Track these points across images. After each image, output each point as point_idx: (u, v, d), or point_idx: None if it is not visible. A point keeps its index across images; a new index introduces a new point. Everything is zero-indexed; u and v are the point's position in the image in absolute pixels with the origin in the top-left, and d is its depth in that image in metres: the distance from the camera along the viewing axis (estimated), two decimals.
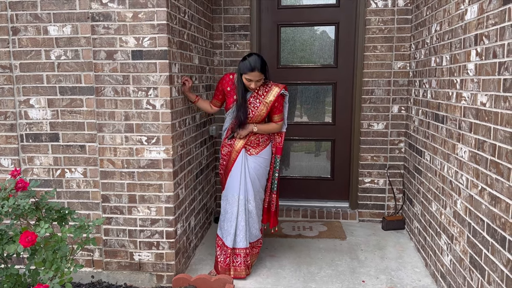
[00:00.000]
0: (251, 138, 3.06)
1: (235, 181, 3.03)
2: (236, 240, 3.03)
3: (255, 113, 3.00)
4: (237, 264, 3.03)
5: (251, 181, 3.03)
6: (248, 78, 2.90)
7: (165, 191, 2.84)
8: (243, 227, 3.01)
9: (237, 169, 3.04)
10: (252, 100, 3.02)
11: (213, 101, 3.26)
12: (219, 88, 3.16)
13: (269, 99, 3.00)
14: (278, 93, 3.01)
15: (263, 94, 3.02)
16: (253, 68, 2.86)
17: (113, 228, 2.94)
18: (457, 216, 2.56)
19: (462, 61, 2.51)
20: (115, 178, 2.87)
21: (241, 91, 2.97)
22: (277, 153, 3.19)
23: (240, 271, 3.03)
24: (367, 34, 3.90)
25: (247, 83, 2.94)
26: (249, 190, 3.03)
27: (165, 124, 2.78)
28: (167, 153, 2.80)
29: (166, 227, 2.88)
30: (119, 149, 2.84)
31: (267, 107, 3.01)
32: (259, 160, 3.08)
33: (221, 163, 3.18)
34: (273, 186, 3.24)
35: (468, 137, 2.40)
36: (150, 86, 2.75)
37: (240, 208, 3.01)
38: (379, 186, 4.10)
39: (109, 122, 2.82)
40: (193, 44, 3.32)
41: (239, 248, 3.03)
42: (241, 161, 3.03)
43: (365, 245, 3.62)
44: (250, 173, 3.04)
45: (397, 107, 3.97)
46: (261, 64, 2.89)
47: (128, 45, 2.73)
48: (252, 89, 2.96)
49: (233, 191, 3.04)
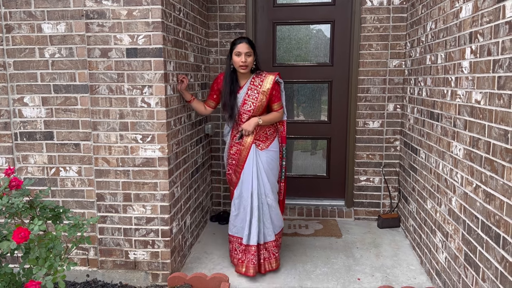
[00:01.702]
0: (259, 133, 3.06)
1: (249, 178, 3.03)
2: (251, 236, 3.00)
3: (256, 104, 3.01)
4: (248, 261, 2.99)
5: (266, 175, 3.04)
6: (237, 52, 2.93)
7: (160, 190, 2.84)
8: (256, 225, 2.99)
9: (249, 166, 3.03)
10: (250, 92, 3.02)
11: (208, 101, 3.25)
12: (214, 88, 3.17)
13: (266, 87, 3.01)
14: (274, 80, 3.02)
15: (259, 84, 3.02)
16: (241, 39, 2.96)
17: (108, 227, 2.92)
18: (452, 213, 2.57)
19: (457, 59, 2.52)
20: (110, 176, 2.86)
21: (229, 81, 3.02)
22: (283, 142, 3.21)
23: (249, 269, 2.98)
24: (362, 32, 3.90)
25: (236, 60, 2.94)
26: (265, 184, 3.03)
27: (160, 122, 2.77)
28: (162, 151, 2.80)
29: (161, 225, 2.87)
30: (114, 147, 2.83)
31: (266, 95, 3.01)
32: (270, 154, 3.09)
33: (230, 163, 3.15)
34: (281, 175, 3.26)
35: (463, 135, 2.40)
36: (145, 84, 2.74)
37: (253, 204, 3.00)
38: (374, 184, 4.10)
39: (104, 120, 2.81)
40: (188, 42, 3.31)
41: (252, 246, 2.99)
42: (253, 157, 3.03)
43: (361, 243, 3.62)
44: (264, 168, 3.04)
45: (392, 105, 3.97)
46: (248, 39, 2.99)
47: (122, 43, 2.72)
48: (242, 64, 2.93)
49: (248, 187, 3.02)
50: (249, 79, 3.05)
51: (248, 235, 3.00)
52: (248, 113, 3.03)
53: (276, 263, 3.08)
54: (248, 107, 3.03)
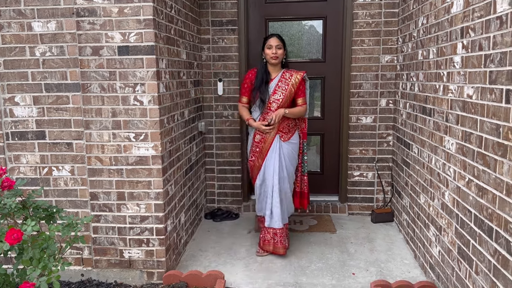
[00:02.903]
0: (283, 124, 3.31)
1: (272, 164, 3.27)
2: (272, 220, 3.27)
3: (285, 94, 3.29)
4: (275, 242, 3.27)
5: (285, 165, 3.30)
6: (269, 45, 3.26)
7: (154, 188, 2.83)
8: (279, 209, 3.24)
9: (273, 153, 3.29)
10: (280, 83, 3.31)
11: (244, 99, 3.45)
12: (247, 83, 3.41)
13: (295, 80, 3.31)
14: (302, 76, 3.33)
15: (289, 78, 3.32)
16: (272, 34, 3.32)
17: (102, 226, 2.91)
18: (445, 207, 2.59)
19: (448, 54, 2.53)
20: (103, 175, 2.85)
21: (262, 72, 3.31)
22: (304, 138, 3.51)
23: (279, 248, 3.27)
24: (354, 28, 3.91)
25: (268, 52, 3.26)
26: (285, 172, 3.29)
27: (153, 120, 2.76)
28: (155, 149, 2.78)
29: (155, 224, 2.86)
30: (106, 146, 2.81)
31: (294, 87, 3.30)
32: (291, 146, 3.35)
33: (254, 150, 3.38)
34: (304, 169, 3.54)
35: (455, 129, 2.42)
36: (137, 82, 2.72)
37: (274, 189, 3.24)
38: (368, 180, 4.12)
39: (96, 119, 2.79)
40: (180, 39, 3.30)
41: (276, 229, 3.26)
42: (277, 146, 3.28)
43: (355, 238, 3.65)
44: (285, 157, 3.30)
45: (385, 100, 3.99)
46: (278, 34, 3.32)
47: (114, 41, 2.70)
48: (273, 56, 3.24)
49: (269, 174, 3.28)
50: (280, 72, 3.34)
51: (270, 219, 3.28)
52: (277, 101, 3.29)
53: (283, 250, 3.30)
54: (278, 96, 3.30)
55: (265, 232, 3.32)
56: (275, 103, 3.30)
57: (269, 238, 3.29)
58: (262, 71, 3.32)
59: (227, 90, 4.12)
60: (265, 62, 3.33)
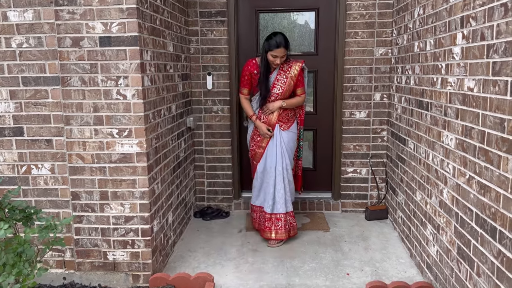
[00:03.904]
0: (282, 114, 3.38)
1: (273, 153, 3.35)
2: (275, 206, 3.35)
3: (284, 88, 3.33)
4: (278, 227, 3.35)
5: (287, 153, 3.38)
6: (274, 55, 3.22)
7: (139, 187, 2.68)
8: (283, 195, 3.33)
9: (274, 142, 3.36)
10: (279, 77, 3.34)
11: (245, 91, 3.48)
12: (246, 75, 3.41)
13: (294, 73, 3.34)
14: (300, 67, 3.35)
15: (287, 70, 3.34)
16: (279, 44, 3.19)
17: (84, 227, 2.77)
18: (443, 205, 2.49)
19: (447, 45, 2.42)
20: (85, 174, 2.70)
21: (264, 68, 3.29)
22: (301, 125, 3.61)
23: (281, 233, 3.34)
24: (348, 19, 3.78)
25: (272, 59, 3.24)
26: (287, 161, 3.37)
27: (137, 116, 2.61)
28: (140, 146, 2.64)
29: (141, 224, 2.73)
30: (88, 142, 2.66)
31: (294, 80, 3.35)
32: (290, 134, 3.43)
33: (255, 139, 3.45)
34: (299, 154, 3.68)
35: (454, 124, 2.31)
36: (120, 75, 2.57)
37: (277, 177, 3.33)
38: (361, 176, 4.02)
39: (77, 114, 2.64)
40: (166, 30, 3.15)
41: (279, 213, 3.34)
42: (277, 135, 3.36)
43: (349, 236, 3.54)
44: (285, 146, 3.37)
45: (379, 94, 3.88)
46: (285, 41, 3.23)
47: (95, 31, 2.54)
48: (277, 65, 3.26)
49: (272, 162, 3.35)
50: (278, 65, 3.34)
51: (272, 205, 3.34)
52: (276, 95, 3.35)
53: (296, 231, 3.47)
54: (277, 90, 3.34)
55: (266, 219, 3.37)
56: (273, 96, 3.36)
57: (270, 225, 3.35)
58: (264, 64, 3.30)
59: (216, 84, 3.97)
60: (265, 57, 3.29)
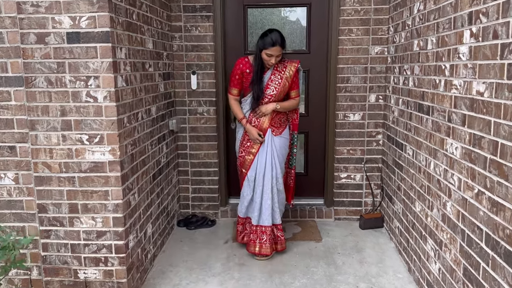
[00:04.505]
0: (275, 119, 3.12)
1: (263, 160, 3.09)
2: (261, 218, 3.09)
3: (278, 90, 3.07)
4: (262, 241, 3.08)
5: (278, 160, 3.12)
6: (269, 54, 2.94)
7: (112, 199, 2.43)
8: (269, 206, 3.08)
9: (264, 148, 3.10)
10: (274, 77, 3.08)
11: (234, 91, 3.17)
12: (238, 74, 3.11)
13: (289, 73, 3.08)
14: (296, 68, 3.10)
15: (282, 70, 3.09)
16: (275, 43, 2.91)
17: (52, 243, 2.50)
18: (446, 220, 2.27)
19: (452, 43, 2.19)
20: (53, 184, 2.43)
21: (258, 67, 3.00)
22: (294, 130, 3.34)
23: (266, 248, 3.07)
24: (341, 15, 3.55)
25: (267, 59, 2.97)
26: (277, 169, 3.12)
27: (109, 120, 2.35)
28: (113, 154, 2.38)
29: (115, 240, 2.47)
30: (55, 150, 2.40)
31: (289, 81, 3.09)
32: (282, 140, 3.17)
33: (244, 144, 3.17)
34: (292, 162, 3.39)
35: (460, 132, 2.09)
36: (90, 75, 2.31)
37: (265, 186, 3.08)
38: (355, 182, 3.79)
39: (43, 119, 2.37)
40: (145, 25, 2.88)
41: (264, 226, 3.08)
42: (268, 140, 3.10)
43: (342, 248, 3.31)
44: (277, 153, 3.11)
45: (374, 96, 3.65)
46: (281, 39, 2.95)
47: (62, 26, 2.28)
48: (271, 64, 3.00)
49: (260, 170, 3.09)
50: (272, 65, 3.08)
51: (258, 216, 3.09)
52: (270, 97, 3.08)
53: (284, 245, 3.19)
54: (270, 91, 3.07)
55: (252, 231, 3.12)
56: (267, 98, 3.09)
57: (255, 237, 3.09)
58: (258, 63, 3.02)
59: (202, 84, 3.72)
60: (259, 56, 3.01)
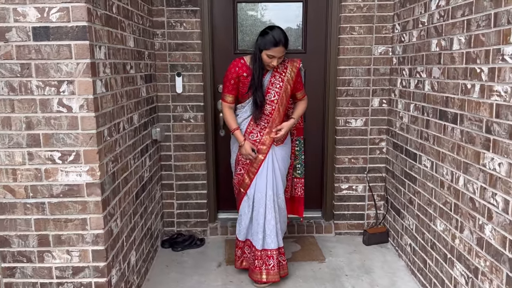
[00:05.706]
0: (277, 127, 2.74)
1: (263, 174, 2.74)
2: (266, 241, 2.73)
3: (280, 94, 2.73)
4: (270, 267, 2.71)
5: (280, 174, 2.80)
6: (270, 55, 2.59)
7: (92, 228, 2.01)
8: (274, 226, 2.72)
9: (266, 165, 2.74)
10: (274, 80, 2.73)
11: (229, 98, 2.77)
12: (233, 78, 2.72)
13: (291, 75, 2.74)
14: (298, 68, 2.78)
15: (282, 72, 2.75)
16: (278, 42, 2.56)
17: (18, 282, 2.06)
18: (485, 245, 1.98)
19: (492, 43, 1.90)
20: (17, 212, 2.00)
21: (258, 70, 2.65)
22: (300, 135, 3.04)
23: (274, 275, 2.71)
24: (343, 12, 3.23)
25: (268, 61, 2.62)
26: (279, 184, 2.79)
27: (87, 134, 1.94)
28: (92, 174, 1.97)
29: (95, 277, 2.06)
30: (20, 170, 1.96)
31: (291, 84, 2.74)
32: (285, 149, 2.87)
33: (243, 162, 2.78)
34: (300, 171, 3.08)
35: (505, 145, 1.80)
36: (62, 79, 1.89)
37: (268, 204, 2.73)
38: (358, 193, 3.49)
39: (4, 133, 1.93)
40: (126, 20, 2.47)
41: (270, 250, 2.72)
42: (270, 156, 2.75)
43: (349, 268, 3.00)
44: (279, 165, 2.79)
45: (377, 100, 3.36)
46: (285, 38, 2.60)
47: (27, 20, 1.85)
48: (272, 66, 2.65)
49: (261, 188, 2.74)
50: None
51: (262, 239, 2.72)
52: (272, 103, 2.73)
53: (286, 270, 2.85)
54: (271, 96, 2.73)
55: (256, 257, 2.73)
56: (269, 105, 2.73)
57: (260, 264, 2.72)
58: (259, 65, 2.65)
59: (188, 87, 3.32)
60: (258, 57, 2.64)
